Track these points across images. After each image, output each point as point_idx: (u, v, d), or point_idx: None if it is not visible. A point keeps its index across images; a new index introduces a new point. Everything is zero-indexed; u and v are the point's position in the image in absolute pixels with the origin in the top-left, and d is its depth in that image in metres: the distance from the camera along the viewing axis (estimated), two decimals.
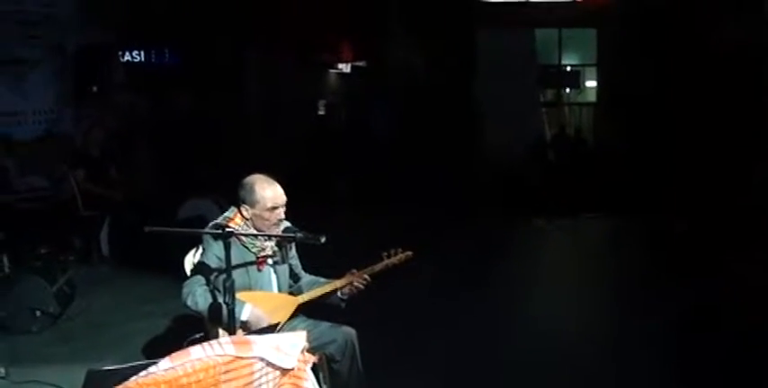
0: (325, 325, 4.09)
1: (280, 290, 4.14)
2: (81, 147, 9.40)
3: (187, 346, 3.83)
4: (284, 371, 2.79)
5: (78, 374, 5.12)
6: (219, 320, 3.67)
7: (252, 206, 3.98)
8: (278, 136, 14.52)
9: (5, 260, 6.90)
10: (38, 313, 6.21)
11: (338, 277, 4.18)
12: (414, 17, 16.75)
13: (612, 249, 10.04)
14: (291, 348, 2.81)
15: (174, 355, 2.63)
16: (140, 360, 5.32)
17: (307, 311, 4.19)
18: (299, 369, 2.85)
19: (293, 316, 4.09)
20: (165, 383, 2.56)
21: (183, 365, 2.59)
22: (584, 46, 18.83)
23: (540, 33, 18.12)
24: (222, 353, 2.67)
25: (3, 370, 5.17)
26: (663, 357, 5.57)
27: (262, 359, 2.72)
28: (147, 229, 3.40)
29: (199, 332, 4.04)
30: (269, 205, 3.96)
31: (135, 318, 6.57)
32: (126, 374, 2.61)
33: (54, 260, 6.91)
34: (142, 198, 9.33)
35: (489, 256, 9.12)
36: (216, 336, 3.75)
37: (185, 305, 3.80)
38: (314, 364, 3.20)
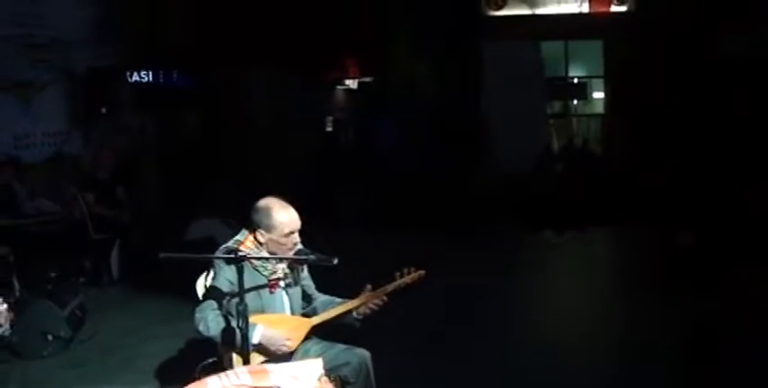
0: (339, 347, 4.05)
1: (293, 312, 4.10)
2: (90, 170, 9.40)
3: (200, 372, 3.82)
4: None
5: None
6: (233, 344, 3.64)
7: (268, 231, 3.94)
8: (286, 153, 14.54)
9: (16, 283, 6.89)
10: (49, 338, 6.17)
11: (352, 297, 4.15)
12: (420, 31, 16.79)
13: (624, 261, 9.98)
14: (308, 376, 2.78)
15: (190, 386, 2.60)
16: (152, 384, 5.35)
17: (321, 332, 4.16)
18: None
19: (307, 338, 4.06)
20: None
21: None
22: (590, 58, 18.87)
23: (546, 46, 18.15)
24: (239, 383, 2.63)
25: None
26: (673, 368, 5.54)
27: None
28: (162, 255, 3.37)
29: (211, 354, 4.02)
30: (286, 231, 3.93)
31: (146, 341, 6.53)
32: None
33: (65, 283, 6.87)
34: (152, 220, 9.32)
35: (500, 269, 9.07)
36: (229, 361, 3.73)
37: (198, 331, 3.77)
38: None
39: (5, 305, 2.74)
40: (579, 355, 6.02)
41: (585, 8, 17.80)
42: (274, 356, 3.79)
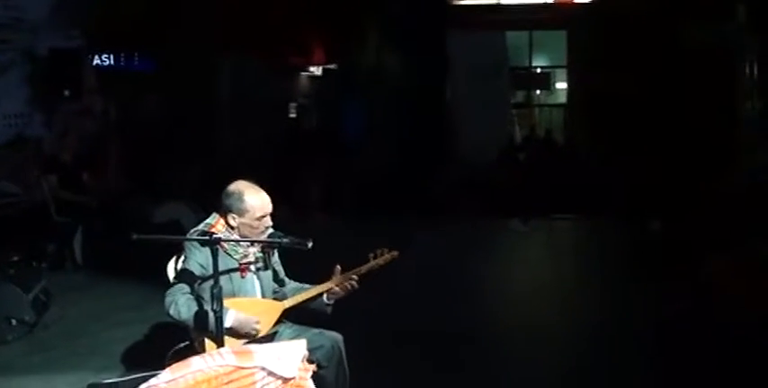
0: (311, 331, 4.03)
1: (263, 296, 4.08)
2: (53, 153, 9.28)
3: (173, 356, 3.79)
4: (285, 380, 2.75)
5: (55, 384, 5.10)
6: (205, 328, 3.62)
7: (240, 215, 3.92)
8: (249, 139, 14.44)
9: None
10: (13, 322, 6.10)
11: (322, 281, 4.14)
12: (385, 19, 16.75)
13: (590, 249, 10.06)
14: (292, 356, 2.78)
15: (174, 366, 2.59)
16: (119, 369, 5.32)
17: (293, 316, 4.15)
18: (300, 378, 2.82)
19: (279, 322, 4.05)
20: None
21: (184, 376, 2.54)
22: (554, 48, 18.96)
23: (510, 35, 18.20)
24: (223, 363, 2.63)
25: None
26: (640, 356, 5.61)
27: (263, 369, 2.68)
28: (135, 237, 3.34)
29: (178, 339, 3.99)
30: (258, 214, 3.91)
31: (112, 326, 6.49)
32: (127, 387, 2.56)
33: (28, 267, 6.77)
34: (115, 204, 9.22)
35: (467, 258, 9.12)
36: (201, 344, 3.71)
37: (169, 315, 3.73)
38: None
39: None
40: (545, 341, 6.08)
41: None
42: (244, 339, 3.77)
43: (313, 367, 3.03)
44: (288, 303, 4.06)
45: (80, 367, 5.44)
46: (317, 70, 17.78)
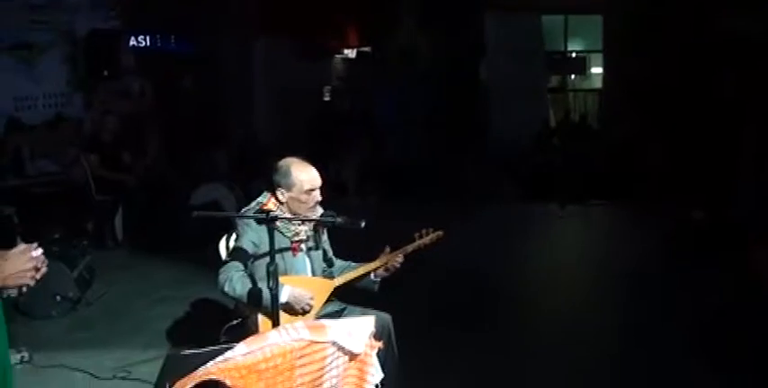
0: (359, 310, 4.03)
1: (314, 275, 4.09)
2: (94, 132, 9.34)
3: (226, 333, 3.82)
4: (353, 355, 2.76)
5: (100, 359, 5.17)
6: (259, 304, 3.63)
7: (288, 189, 3.93)
8: (283, 121, 14.47)
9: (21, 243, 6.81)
10: (58, 298, 6.18)
11: (370, 260, 4.14)
12: (420, 2, 16.67)
13: (631, 236, 9.91)
14: (362, 332, 2.79)
15: (249, 339, 2.60)
16: (162, 346, 5.35)
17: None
18: (365, 355, 2.83)
19: (328, 300, 4.05)
20: (245, 367, 2.54)
21: (261, 349, 2.56)
22: (589, 32, 18.79)
23: (546, 19, 18.04)
24: (298, 338, 2.63)
25: (27, 354, 5.15)
26: (679, 345, 5.53)
27: (334, 344, 2.69)
28: (195, 214, 3.34)
29: (219, 316, 4.03)
30: (306, 187, 3.91)
31: (153, 303, 6.56)
32: (204, 359, 2.59)
33: (72, 244, 6.85)
34: (155, 183, 9.28)
35: (502, 243, 9.09)
36: (254, 321, 3.72)
37: (223, 292, 3.73)
38: None
39: (41, 250, 2.54)
40: (583, 325, 6.05)
41: None
42: (297, 316, 3.77)
43: (380, 344, 3.02)
44: (338, 281, 4.06)
45: (123, 344, 5.50)
46: (351, 53, 17.74)
